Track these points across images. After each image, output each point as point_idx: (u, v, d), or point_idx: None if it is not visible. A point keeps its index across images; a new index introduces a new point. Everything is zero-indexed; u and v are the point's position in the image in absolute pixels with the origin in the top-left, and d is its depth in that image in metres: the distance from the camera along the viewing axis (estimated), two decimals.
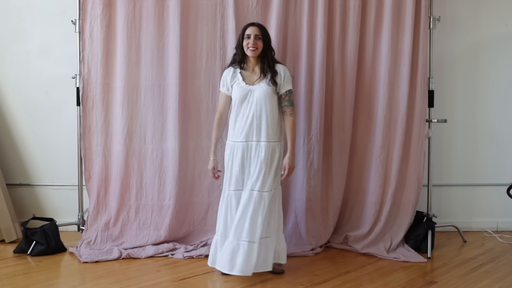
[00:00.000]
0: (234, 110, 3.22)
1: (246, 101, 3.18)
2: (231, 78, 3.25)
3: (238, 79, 3.22)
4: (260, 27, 3.24)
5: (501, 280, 3.19)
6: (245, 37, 3.21)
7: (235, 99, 3.21)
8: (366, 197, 3.84)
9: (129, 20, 3.71)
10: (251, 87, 3.19)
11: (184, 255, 3.57)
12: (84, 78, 3.75)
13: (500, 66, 4.26)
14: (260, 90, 3.16)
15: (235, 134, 3.20)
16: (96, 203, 3.78)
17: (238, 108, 3.20)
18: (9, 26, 4.20)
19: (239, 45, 3.26)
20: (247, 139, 3.17)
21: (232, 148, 3.21)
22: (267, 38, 3.25)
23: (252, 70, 3.26)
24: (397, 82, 3.78)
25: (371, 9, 3.78)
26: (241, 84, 3.20)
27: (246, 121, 3.16)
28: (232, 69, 3.28)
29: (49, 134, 4.22)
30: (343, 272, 3.31)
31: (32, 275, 3.26)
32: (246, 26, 3.27)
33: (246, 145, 3.17)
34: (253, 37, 3.19)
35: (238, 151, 3.18)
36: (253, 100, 3.16)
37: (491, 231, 4.25)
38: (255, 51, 3.19)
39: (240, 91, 3.19)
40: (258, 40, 3.20)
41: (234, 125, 3.21)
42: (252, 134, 3.16)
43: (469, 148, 4.30)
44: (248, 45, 3.19)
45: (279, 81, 3.20)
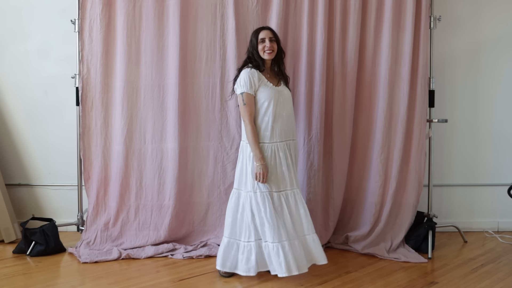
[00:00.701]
0: (269, 111, 3.14)
1: (279, 101, 3.18)
2: (258, 79, 3.18)
3: (263, 80, 3.20)
4: (271, 30, 3.29)
5: (502, 280, 3.19)
6: (259, 42, 3.23)
7: (269, 100, 3.14)
8: (367, 197, 3.84)
9: (129, 19, 3.71)
10: (279, 88, 3.24)
11: (183, 256, 3.57)
12: (83, 78, 3.74)
13: (501, 66, 4.26)
14: (287, 91, 3.27)
15: (274, 135, 3.16)
16: (96, 203, 3.78)
17: (273, 109, 3.15)
18: (8, 26, 4.19)
19: (254, 50, 3.24)
20: (287, 138, 3.21)
21: (273, 150, 3.16)
22: (279, 40, 3.31)
23: (267, 73, 3.29)
24: (398, 82, 3.77)
25: (372, 8, 3.78)
26: (268, 85, 3.20)
27: (284, 121, 3.19)
28: (255, 70, 3.20)
29: (49, 134, 4.21)
30: (344, 272, 3.31)
31: (31, 276, 3.26)
32: (257, 30, 3.27)
33: (287, 145, 3.21)
34: (268, 40, 3.22)
35: (280, 152, 3.17)
36: (284, 100, 3.21)
37: (492, 231, 4.25)
38: (271, 54, 3.23)
39: (272, 92, 3.17)
40: (273, 42, 3.24)
41: (273, 127, 3.15)
42: (289, 133, 3.22)
43: (470, 148, 4.29)
44: (265, 49, 3.22)
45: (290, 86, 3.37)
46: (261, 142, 3.14)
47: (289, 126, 3.21)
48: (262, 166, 3.08)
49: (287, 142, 3.20)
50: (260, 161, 3.08)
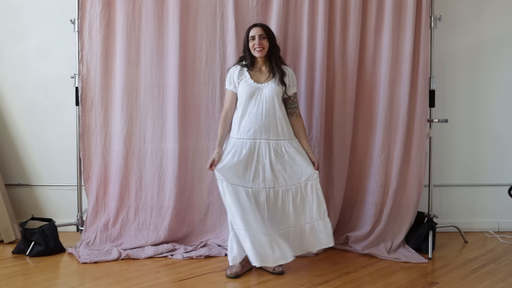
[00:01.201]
0: (241, 107, 3.23)
1: (253, 98, 3.19)
2: (238, 75, 3.27)
3: (245, 77, 3.25)
4: (263, 27, 3.27)
5: (502, 281, 3.18)
6: (250, 39, 3.25)
7: (242, 96, 3.22)
8: (367, 198, 3.83)
9: (129, 19, 3.70)
10: (259, 85, 3.22)
11: (183, 256, 3.56)
12: (83, 77, 3.74)
13: (502, 66, 4.25)
14: (270, 88, 3.20)
15: (240, 131, 3.21)
16: (95, 203, 3.77)
17: (245, 106, 3.21)
18: (7, 26, 4.18)
19: (245, 48, 3.27)
20: (255, 137, 3.18)
21: (234, 145, 3.21)
22: (272, 36, 3.28)
23: (259, 70, 3.29)
24: (398, 81, 3.76)
25: (372, 8, 3.77)
26: (248, 81, 3.22)
27: (254, 119, 3.18)
28: (239, 66, 3.29)
29: (48, 134, 4.20)
30: (344, 272, 3.30)
31: (31, 276, 3.25)
32: (249, 28, 3.29)
33: (253, 143, 3.18)
34: (257, 37, 3.22)
35: (244, 148, 3.18)
36: (261, 98, 3.19)
37: (492, 231, 4.24)
38: (262, 51, 3.22)
39: (248, 88, 3.20)
40: (263, 39, 3.22)
41: (240, 123, 3.22)
42: (260, 132, 3.18)
43: (471, 148, 4.28)
44: (254, 46, 3.21)
45: (288, 82, 3.27)
46: (231, 137, 3.25)
47: (262, 124, 3.17)
48: (214, 154, 3.22)
49: (255, 141, 3.18)
50: (216, 149, 3.24)
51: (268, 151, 3.19)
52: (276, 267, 3.22)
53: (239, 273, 3.21)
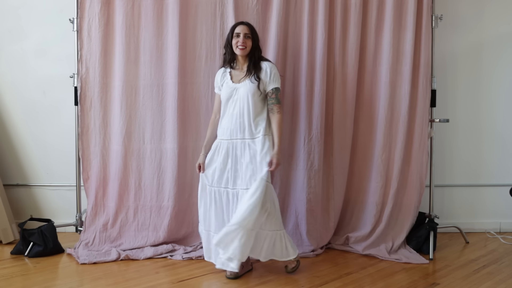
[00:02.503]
0: (222, 109, 3.27)
1: (231, 99, 3.21)
2: (221, 78, 3.31)
3: (226, 79, 3.27)
4: (249, 26, 3.25)
5: (503, 282, 3.17)
6: (234, 36, 3.22)
7: (223, 98, 3.26)
8: (368, 198, 3.82)
9: (128, 18, 3.69)
10: (236, 85, 3.22)
11: (183, 257, 3.55)
12: (82, 77, 3.72)
13: (503, 65, 4.23)
14: (244, 87, 3.18)
15: (221, 132, 3.25)
16: (94, 204, 3.76)
17: (224, 107, 3.25)
18: (6, 25, 4.17)
19: (228, 44, 3.26)
20: (231, 137, 3.19)
21: (216, 146, 3.26)
22: (256, 37, 3.26)
23: (241, 69, 3.28)
24: (399, 81, 3.75)
25: (372, 7, 3.76)
26: (228, 83, 3.24)
27: (231, 119, 3.19)
28: (223, 69, 3.32)
29: (47, 134, 4.19)
30: (344, 273, 3.29)
31: (29, 277, 3.23)
32: (235, 25, 3.28)
33: (231, 143, 3.19)
34: (242, 35, 3.20)
35: (222, 149, 3.22)
36: (237, 97, 3.19)
37: (494, 232, 4.23)
38: (244, 50, 3.20)
39: (227, 89, 3.23)
40: (247, 38, 3.21)
41: (220, 124, 3.27)
42: (236, 132, 3.18)
43: (472, 148, 4.27)
44: (238, 44, 3.20)
45: (265, 78, 3.19)
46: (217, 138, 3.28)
47: (238, 124, 3.16)
48: (200, 157, 3.33)
49: (232, 141, 3.19)
50: (202, 152, 3.33)
51: (244, 151, 3.16)
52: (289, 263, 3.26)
53: (238, 274, 3.20)
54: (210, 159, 3.27)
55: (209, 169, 3.26)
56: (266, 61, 3.26)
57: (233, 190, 3.18)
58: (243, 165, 3.15)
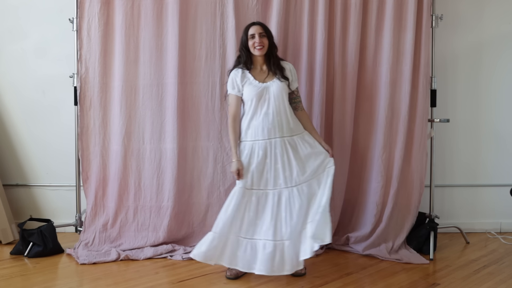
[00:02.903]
0: (251, 110, 3.18)
1: (262, 98, 3.17)
2: (241, 79, 3.22)
3: (249, 79, 3.21)
4: (261, 25, 3.26)
5: (504, 282, 3.17)
6: (249, 37, 3.22)
7: (250, 98, 3.18)
8: (368, 198, 3.81)
9: (127, 18, 3.68)
10: (265, 84, 3.19)
11: (183, 257, 3.54)
12: (81, 77, 3.71)
13: (504, 65, 4.22)
14: (276, 86, 3.18)
15: (251, 133, 3.17)
16: (94, 204, 3.75)
17: (254, 107, 3.17)
18: (5, 25, 4.16)
19: (243, 47, 3.24)
20: (269, 136, 3.15)
21: (250, 148, 3.17)
22: (270, 35, 3.27)
23: (260, 69, 3.26)
24: (399, 81, 3.74)
25: (373, 7, 3.75)
26: (253, 83, 3.19)
27: (266, 118, 3.14)
28: (240, 70, 3.24)
29: (46, 134, 4.18)
30: (344, 273, 3.28)
31: (29, 277, 3.23)
32: (247, 26, 3.27)
33: (269, 143, 3.15)
34: (257, 35, 3.20)
35: (259, 150, 3.14)
36: (269, 97, 3.17)
37: (494, 232, 4.22)
38: (262, 49, 3.20)
39: (254, 89, 3.17)
40: (263, 37, 3.21)
41: (249, 125, 3.18)
42: (274, 131, 3.14)
43: (472, 148, 4.26)
44: (255, 45, 3.19)
45: (290, 77, 3.25)
46: (242, 141, 3.20)
47: (275, 123, 3.14)
48: (235, 163, 3.16)
49: (270, 141, 3.14)
50: (234, 158, 3.17)
51: (285, 149, 3.15)
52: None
53: (238, 274, 3.19)
54: (247, 162, 3.15)
55: (248, 173, 3.14)
56: (283, 61, 3.32)
57: (273, 190, 3.13)
58: (286, 163, 3.13)
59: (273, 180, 3.13)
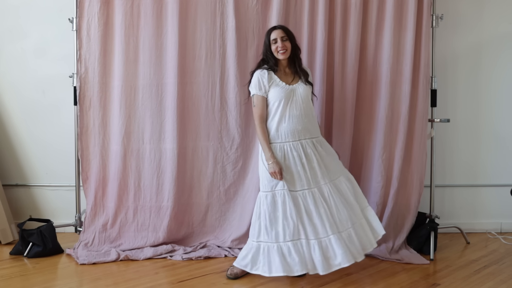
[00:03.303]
0: (278, 111, 3.16)
1: (290, 100, 3.17)
2: (268, 80, 3.19)
3: (275, 80, 3.20)
4: (283, 29, 3.27)
5: (504, 282, 3.16)
6: (272, 42, 3.23)
7: (279, 100, 3.15)
8: (368, 198, 3.75)
9: (127, 18, 3.67)
10: (292, 86, 3.20)
11: (183, 257, 3.54)
12: (81, 77, 3.71)
13: (504, 65, 4.22)
14: (303, 89, 3.20)
15: (282, 135, 3.16)
16: (94, 204, 3.75)
17: (283, 109, 3.16)
18: (5, 24, 4.15)
19: (267, 51, 3.25)
20: (300, 138, 3.16)
21: (284, 150, 3.15)
22: (293, 37, 3.28)
23: (284, 72, 3.27)
24: (399, 81, 3.74)
25: (373, 7, 3.74)
26: (280, 84, 3.19)
27: (296, 120, 3.15)
28: (265, 71, 3.21)
29: (46, 134, 4.17)
30: (344, 274, 3.27)
31: (28, 277, 3.23)
32: (269, 31, 3.28)
33: (300, 144, 3.16)
34: (279, 40, 3.20)
35: (294, 151, 3.14)
36: (297, 99, 3.18)
37: (494, 232, 4.21)
38: (285, 53, 3.21)
39: (283, 91, 3.17)
40: (286, 41, 3.22)
41: (278, 126, 3.16)
42: (304, 133, 3.17)
43: (472, 148, 4.25)
44: (278, 49, 3.20)
45: (311, 81, 3.30)
46: (272, 143, 3.16)
47: (304, 124, 3.16)
48: (274, 164, 3.09)
49: (301, 142, 3.16)
50: (271, 159, 3.10)
51: (315, 149, 3.19)
52: None
53: (238, 274, 3.19)
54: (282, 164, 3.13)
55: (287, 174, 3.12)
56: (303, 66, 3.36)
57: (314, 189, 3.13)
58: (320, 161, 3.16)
59: (313, 178, 3.14)
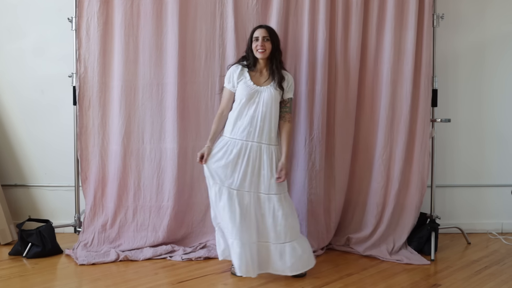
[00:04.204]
0: (238, 108, 3.20)
1: (252, 100, 3.18)
2: (238, 75, 3.23)
3: (245, 77, 3.22)
4: (268, 29, 3.26)
5: (505, 283, 3.15)
6: (254, 40, 3.23)
7: (241, 97, 3.20)
8: (369, 198, 3.80)
9: (127, 17, 3.66)
10: (258, 87, 3.19)
11: (182, 257, 3.53)
12: (80, 76, 3.70)
13: (505, 65, 4.22)
14: (268, 92, 3.18)
15: (234, 131, 3.18)
16: (93, 204, 3.73)
17: (242, 107, 3.18)
18: (4, 24, 4.14)
19: (248, 48, 3.26)
20: (247, 139, 3.15)
21: (226, 144, 3.17)
22: (276, 39, 3.26)
23: (260, 72, 3.27)
24: (400, 81, 3.73)
25: (374, 6, 3.73)
26: (248, 83, 3.20)
27: (250, 120, 3.15)
28: (239, 66, 3.27)
29: (45, 134, 4.16)
30: (345, 274, 3.27)
31: (27, 278, 3.22)
32: (254, 28, 3.29)
33: (245, 144, 3.14)
34: (261, 39, 3.20)
35: (234, 148, 3.15)
36: (259, 101, 3.17)
37: (495, 232, 4.20)
38: (263, 53, 3.20)
39: (247, 90, 3.18)
40: (266, 41, 3.21)
41: (235, 123, 3.19)
42: (254, 135, 3.14)
43: (473, 148, 4.25)
44: (257, 48, 3.20)
45: (285, 87, 3.23)
46: (226, 136, 3.20)
47: (259, 128, 3.13)
48: (205, 148, 3.20)
49: (247, 142, 3.14)
50: (207, 143, 3.21)
51: (259, 155, 3.15)
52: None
53: None
54: (219, 156, 3.15)
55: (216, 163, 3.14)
56: (285, 71, 3.31)
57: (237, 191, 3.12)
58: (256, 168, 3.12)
59: (239, 181, 3.12)
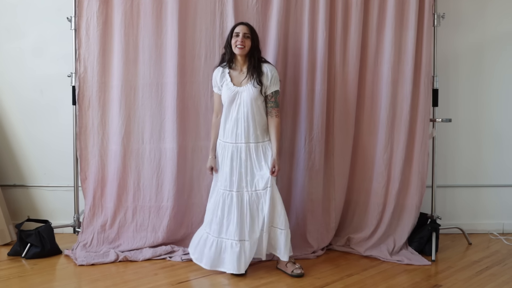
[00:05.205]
0: (224, 111, 3.29)
1: (234, 102, 3.24)
2: (220, 78, 3.31)
3: (226, 80, 3.27)
4: (248, 26, 3.28)
5: (506, 283, 3.15)
6: (234, 36, 3.25)
7: (224, 101, 3.27)
8: (369, 199, 3.79)
9: (127, 17, 3.66)
10: (238, 88, 3.22)
11: (182, 258, 3.52)
12: (80, 76, 3.69)
13: (506, 64, 4.21)
14: (247, 92, 3.20)
15: (225, 134, 3.28)
16: (92, 204, 3.73)
17: (227, 110, 3.26)
18: (3, 23, 4.13)
19: (227, 44, 3.28)
20: (237, 141, 3.22)
21: (223, 148, 3.28)
22: (255, 37, 3.28)
23: (240, 70, 3.29)
24: (401, 80, 3.73)
25: (374, 6, 3.73)
26: (229, 85, 3.25)
27: (235, 122, 3.22)
28: (221, 69, 3.33)
29: (44, 133, 4.15)
30: (345, 275, 3.27)
31: (26, 278, 3.21)
32: (235, 25, 3.32)
33: (235, 147, 3.21)
34: (241, 35, 3.22)
35: (228, 152, 3.24)
36: (240, 102, 3.22)
37: (496, 233, 4.19)
38: (242, 49, 3.21)
39: (228, 92, 3.24)
40: (247, 38, 3.23)
41: (224, 126, 3.28)
42: (241, 136, 3.21)
43: (474, 148, 4.24)
44: (236, 43, 3.21)
45: (266, 82, 3.24)
46: (219, 139, 3.33)
47: (243, 128, 3.20)
48: (209, 160, 3.37)
49: (237, 145, 3.22)
50: (211, 154, 3.38)
51: (249, 155, 3.22)
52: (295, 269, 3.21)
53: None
54: (220, 162, 3.31)
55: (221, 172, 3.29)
56: (266, 63, 3.30)
57: (237, 192, 3.20)
58: (249, 168, 3.21)
59: (237, 183, 3.20)
